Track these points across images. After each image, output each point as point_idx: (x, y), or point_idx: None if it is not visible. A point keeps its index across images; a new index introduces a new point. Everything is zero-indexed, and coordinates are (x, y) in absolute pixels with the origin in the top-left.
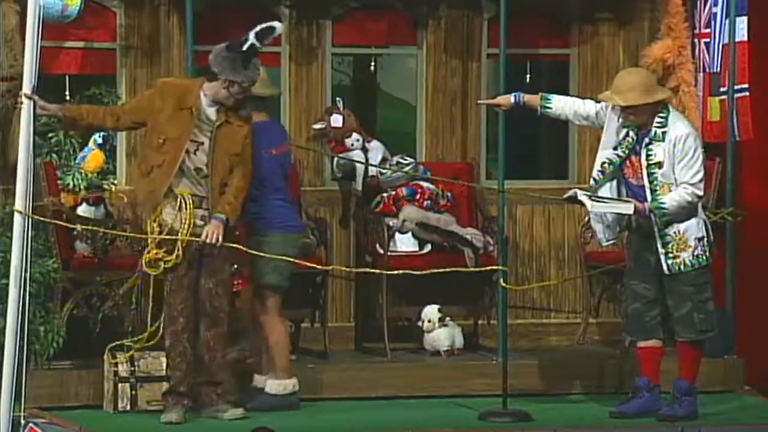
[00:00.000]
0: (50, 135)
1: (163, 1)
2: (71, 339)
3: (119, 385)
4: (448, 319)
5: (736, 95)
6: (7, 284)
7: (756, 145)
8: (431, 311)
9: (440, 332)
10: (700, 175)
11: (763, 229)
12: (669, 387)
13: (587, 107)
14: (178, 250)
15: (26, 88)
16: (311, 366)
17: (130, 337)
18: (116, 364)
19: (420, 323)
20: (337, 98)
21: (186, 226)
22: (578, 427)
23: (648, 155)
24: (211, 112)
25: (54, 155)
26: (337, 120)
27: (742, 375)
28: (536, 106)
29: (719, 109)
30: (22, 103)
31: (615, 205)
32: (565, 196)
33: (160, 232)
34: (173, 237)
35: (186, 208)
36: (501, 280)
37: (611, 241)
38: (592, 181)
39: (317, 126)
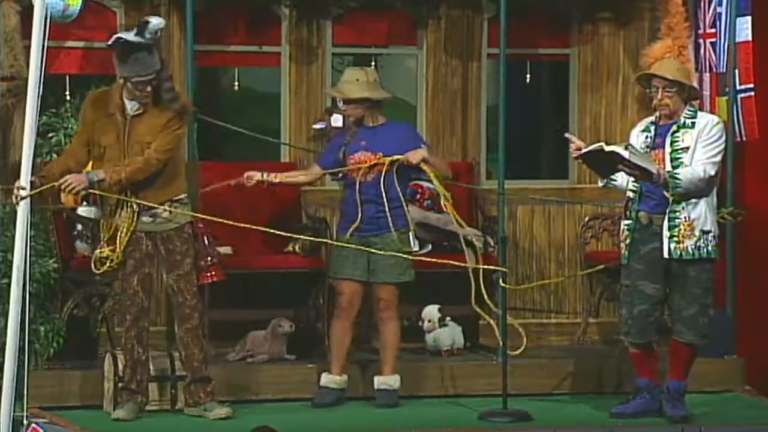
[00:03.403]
0: (50, 135)
1: (163, 1)
2: (71, 339)
3: (119, 384)
4: (448, 319)
5: (742, 95)
6: (8, 284)
7: (759, 144)
8: (431, 311)
9: (440, 332)
10: (716, 159)
11: (765, 229)
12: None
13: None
14: (117, 248)
15: (31, 89)
16: (311, 366)
17: None
18: (116, 364)
19: (420, 323)
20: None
21: (128, 225)
22: (578, 427)
23: (673, 142)
24: (134, 111)
25: (54, 155)
26: (337, 120)
27: (742, 375)
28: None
29: (726, 108)
30: (20, 199)
31: (645, 159)
32: (586, 150)
33: (107, 232)
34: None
35: (127, 208)
36: (501, 280)
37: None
38: (630, 193)
39: (317, 126)
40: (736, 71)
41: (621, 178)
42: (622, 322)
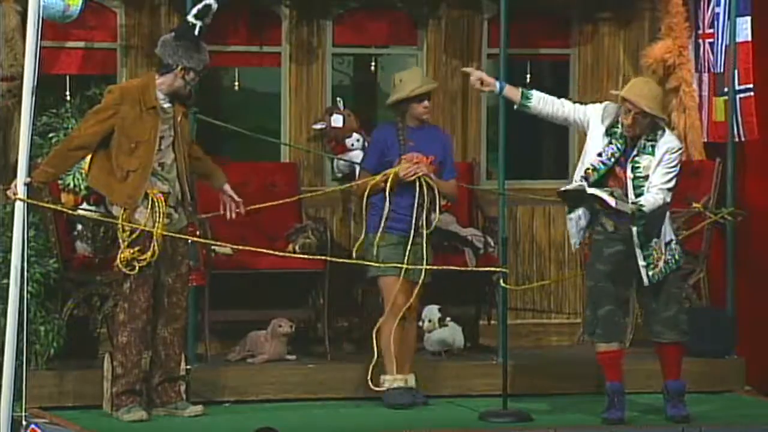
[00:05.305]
0: (50, 135)
1: (163, 1)
2: (71, 339)
3: (116, 386)
4: (448, 319)
5: (741, 95)
6: (8, 284)
7: (759, 144)
8: (431, 311)
9: (440, 332)
10: (672, 184)
11: (765, 229)
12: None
13: (568, 109)
14: (154, 248)
15: (26, 88)
16: (311, 366)
17: None
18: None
19: (420, 323)
20: (337, 98)
21: (160, 225)
22: (578, 427)
23: (635, 167)
24: (167, 106)
25: None
26: (337, 120)
27: (742, 375)
28: (515, 100)
29: (724, 109)
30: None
31: (626, 205)
32: (567, 188)
33: (132, 232)
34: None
35: (158, 208)
36: (501, 281)
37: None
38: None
39: (317, 126)
40: (736, 71)
41: (536, 101)
42: (587, 322)
